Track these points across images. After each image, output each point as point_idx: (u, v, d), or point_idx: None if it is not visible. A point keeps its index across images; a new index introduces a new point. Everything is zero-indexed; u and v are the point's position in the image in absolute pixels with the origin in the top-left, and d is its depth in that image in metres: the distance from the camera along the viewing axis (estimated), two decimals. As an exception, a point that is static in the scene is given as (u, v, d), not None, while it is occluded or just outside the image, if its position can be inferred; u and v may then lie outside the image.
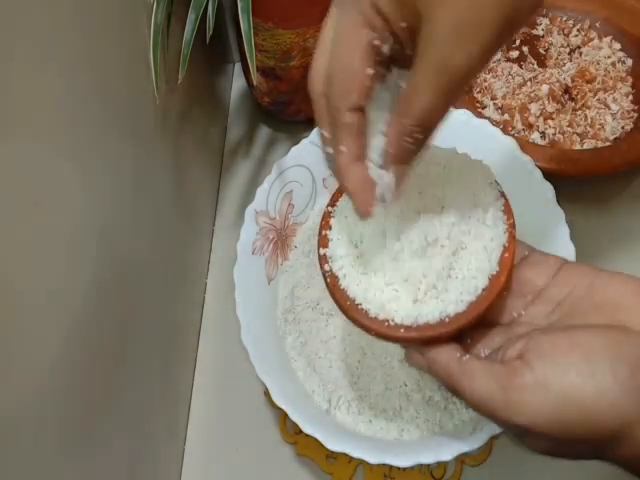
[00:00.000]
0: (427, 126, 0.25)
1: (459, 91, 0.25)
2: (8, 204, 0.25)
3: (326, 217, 0.35)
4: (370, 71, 0.26)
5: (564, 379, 0.26)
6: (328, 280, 0.33)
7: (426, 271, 0.31)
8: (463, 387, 0.28)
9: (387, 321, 0.31)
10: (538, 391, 0.26)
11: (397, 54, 0.26)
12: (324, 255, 0.34)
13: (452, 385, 0.29)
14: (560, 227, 0.41)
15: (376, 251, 0.31)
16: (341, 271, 0.33)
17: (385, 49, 0.26)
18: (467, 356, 0.29)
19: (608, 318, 0.28)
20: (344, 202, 0.34)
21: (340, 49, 0.26)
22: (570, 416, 0.25)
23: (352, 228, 0.33)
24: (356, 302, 0.32)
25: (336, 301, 0.33)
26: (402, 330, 0.30)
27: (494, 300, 0.31)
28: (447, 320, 0.30)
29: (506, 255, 0.31)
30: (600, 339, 0.27)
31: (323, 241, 0.34)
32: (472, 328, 0.31)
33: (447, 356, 0.30)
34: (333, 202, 0.35)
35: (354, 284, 0.32)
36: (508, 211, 0.33)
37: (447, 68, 0.24)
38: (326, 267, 0.33)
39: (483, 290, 0.31)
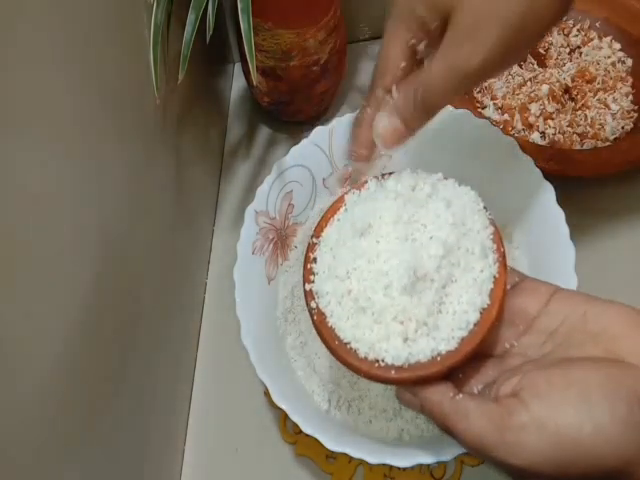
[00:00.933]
0: (428, 109, 0.31)
1: (468, 85, 0.30)
2: (8, 204, 0.25)
3: (310, 249, 0.34)
4: (403, 64, 0.32)
5: (561, 418, 0.25)
6: (315, 318, 0.32)
7: (416, 308, 0.29)
8: (457, 428, 0.28)
9: (377, 361, 0.30)
10: (534, 431, 0.25)
11: (430, 53, 0.31)
12: (310, 291, 0.32)
13: (446, 425, 0.28)
14: (560, 227, 0.41)
15: (364, 287, 0.30)
16: (328, 308, 0.31)
17: (420, 47, 0.31)
18: (460, 395, 0.29)
19: (603, 350, 0.28)
20: (330, 232, 0.33)
21: (385, 45, 0.33)
22: (568, 456, 0.25)
23: (338, 261, 0.32)
24: (345, 341, 0.31)
25: (324, 340, 0.32)
26: (393, 372, 0.29)
27: (486, 335, 0.30)
28: (439, 359, 0.29)
29: (497, 287, 0.30)
30: (596, 375, 0.26)
31: (308, 275, 0.33)
32: (465, 365, 0.30)
33: (440, 396, 0.29)
34: (317, 233, 0.34)
35: (342, 322, 0.31)
36: (498, 240, 0.32)
37: (459, 63, 0.28)
38: (312, 304, 0.32)
39: (475, 325, 0.30)
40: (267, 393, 0.47)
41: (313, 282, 0.33)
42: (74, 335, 0.30)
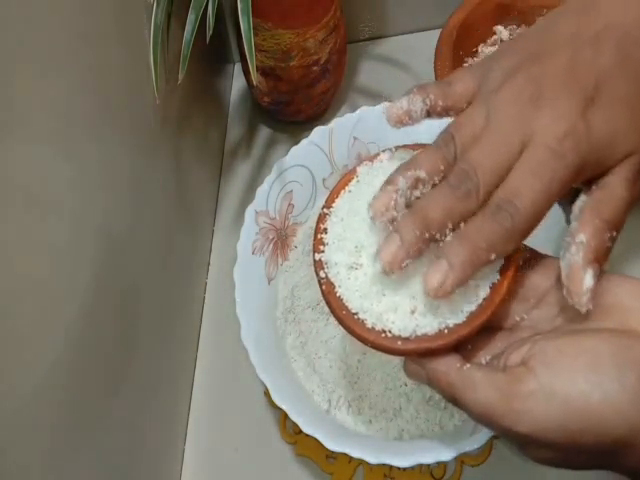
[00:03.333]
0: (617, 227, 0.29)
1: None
2: (8, 204, 0.25)
3: (321, 219, 0.33)
4: None
5: (570, 387, 0.25)
6: (323, 287, 0.32)
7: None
8: (464, 398, 0.27)
9: (384, 332, 0.30)
10: (542, 399, 0.25)
11: None
12: (319, 260, 0.32)
13: (453, 396, 0.28)
14: (560, 227, 0.41)
15: (374, 258, 0.30)
16: (337, 278, 0.31)
17: None
18: (467, 365, 0.28)
19: (616, 322, 0.27)
20: (341, 203, 0.33)
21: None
22: (576, 424, 0.25)
23: (349, 232, 0.32)
24: (352, 311, 0.31)
25: (332, 310, 0.32)
26: (400, 343, 0.29)
27: (496, 310, 0.29)
28: (446, 331, 0.29)
29: (508, 262, 0.30)
30: (607, 345, 0.26)
31: (318, 245, 0.33)
32: (473, 338, 0.30)
33: (446, 367, 0.29)
34: (329, 203, 0.34)
35: (350, 292, 0.31)
36: None
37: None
38: (321, 273, 0.32)
39: (484, 299, 0.29)
40: (267, 393, 0.47)
41: (323, 252, 0.32)
42: (74, 335, 0.30)
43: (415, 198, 0.29)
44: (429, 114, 0.32)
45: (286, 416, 0.38)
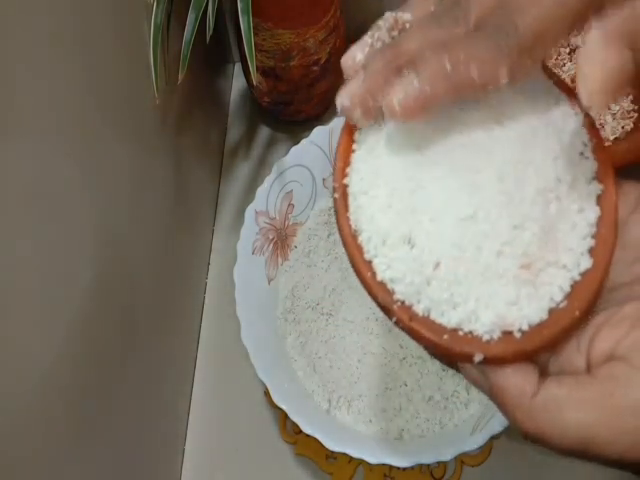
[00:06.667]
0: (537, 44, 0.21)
1: None
2: (8, 204, 0.25)
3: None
4: None
5: None
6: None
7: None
8: (545, 431, 0.19)
9: (460, 330, 0.21)
10: None
11: None
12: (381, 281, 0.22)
13: (524, 430, 0.20)
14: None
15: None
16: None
17: None
18: (544, 387, 0.20)
19: None
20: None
21: None
22: None
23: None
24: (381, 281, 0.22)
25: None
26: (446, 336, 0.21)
27: (606, 274, 0.21)
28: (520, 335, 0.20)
29: (608, 196, 0.21)
30: None
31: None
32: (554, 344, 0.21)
33: (518, 391, 0.20)
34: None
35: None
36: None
37: None
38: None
39: (591, 255, 0.21)
40: (267, 393, 0.47)
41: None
42: (74, 335, 0.30)
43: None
44: None
45: (286, 416, 0.38)
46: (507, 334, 0.20)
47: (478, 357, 0.20)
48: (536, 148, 0.21)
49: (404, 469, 0.43)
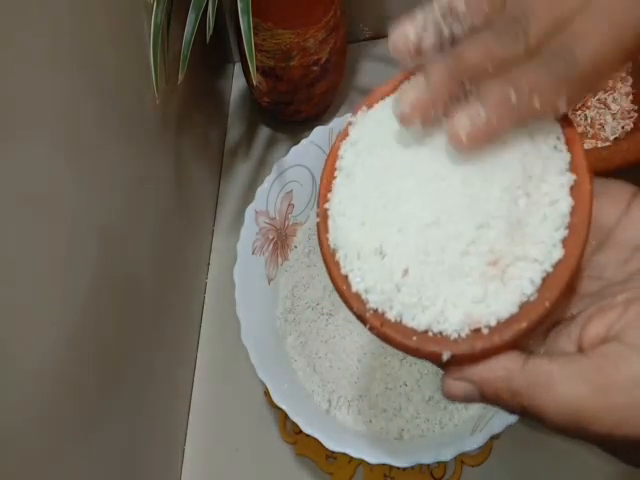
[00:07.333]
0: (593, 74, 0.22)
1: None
2: (8, 204, 0.25)
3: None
4: None
5: None
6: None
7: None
8: (538, 404, 0.20)
9: (430, 331, 0.21)
10: None
11: None
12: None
13: (521, 406, 0.20)
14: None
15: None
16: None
17: None
18: (534, 359, 0.20)
19: None
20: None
21: None
22: None
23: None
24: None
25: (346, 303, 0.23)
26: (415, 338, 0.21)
27: (582, 250, 0.21)
28: (515, 314, 0.20)
29: (582, 185, 0.22)
30: None
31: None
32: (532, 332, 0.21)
33: (505, 370, 0.20)
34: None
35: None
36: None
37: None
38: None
39: (563, 244, 0.21)
40: (267, 393, 0.47)
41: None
42: (74, 335, 0.30)
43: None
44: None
45: (286, 416, 0.38)
46: (476, 331, 0.20)
47: (446, 355, 0.20)
48: (504, 148, 0.22)
49: (404, 469, 0.43)
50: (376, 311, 0.22)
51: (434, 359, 0.21)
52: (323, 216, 0.24)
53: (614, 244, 0.24)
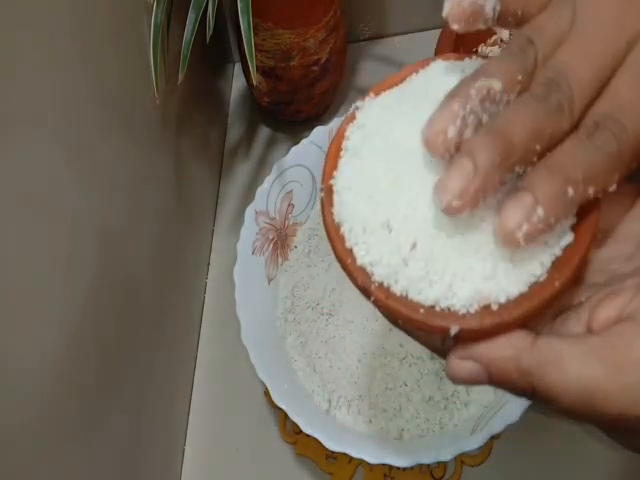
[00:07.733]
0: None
1: None
2: (8, 205, 0.25)
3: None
4: None
5: None
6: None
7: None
8: (548, 383, 0.19)
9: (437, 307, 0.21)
10: None
11: None
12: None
13: (531, 386, 0.19)
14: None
15: (427, 200, 0.21)
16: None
17: None
18: (543, 339, 0.20)
19: None
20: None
21: None
22: None
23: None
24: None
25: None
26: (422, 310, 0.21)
27: (587, 253, 0.21)
28: (521, 297, 0.20)
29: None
30: None
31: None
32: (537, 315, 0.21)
33: (514, 349, 0.20)
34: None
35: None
36: None
37: None
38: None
39: (567, 245, 0.21)
40: (267, 393, 0.47)
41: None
42: (74, 335, 0.30)
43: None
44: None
45: (286, 416, 0.38)
46: (485, 307, 0.20)
47: (454, 329, 0.20)
48: None
49: (404, 469, 0.43)
50: (381, 284, 0.21)
51: (441, 333, 0.21)
52: (328, 191, 0.24)
53: (621, 238, 0.23)
